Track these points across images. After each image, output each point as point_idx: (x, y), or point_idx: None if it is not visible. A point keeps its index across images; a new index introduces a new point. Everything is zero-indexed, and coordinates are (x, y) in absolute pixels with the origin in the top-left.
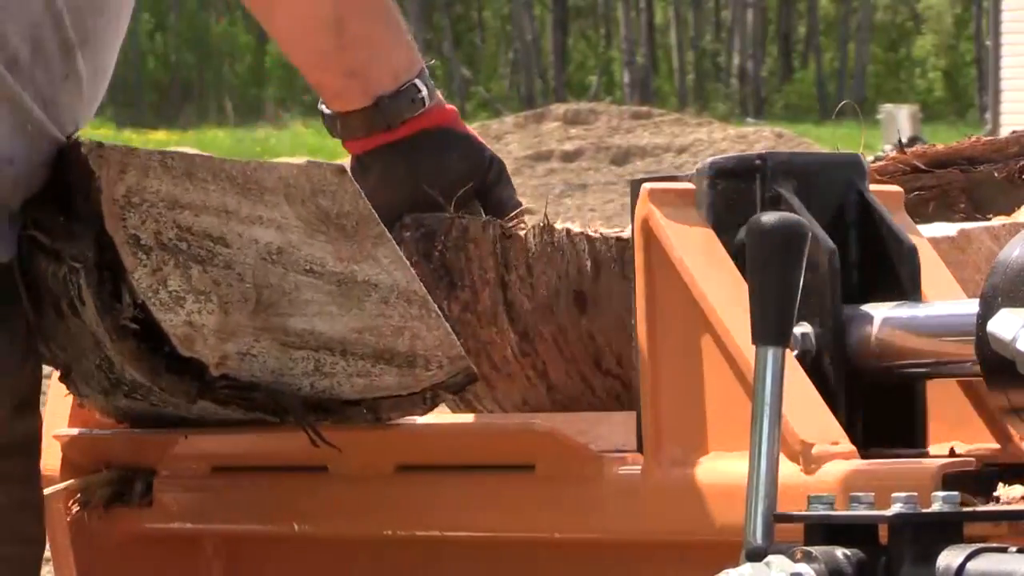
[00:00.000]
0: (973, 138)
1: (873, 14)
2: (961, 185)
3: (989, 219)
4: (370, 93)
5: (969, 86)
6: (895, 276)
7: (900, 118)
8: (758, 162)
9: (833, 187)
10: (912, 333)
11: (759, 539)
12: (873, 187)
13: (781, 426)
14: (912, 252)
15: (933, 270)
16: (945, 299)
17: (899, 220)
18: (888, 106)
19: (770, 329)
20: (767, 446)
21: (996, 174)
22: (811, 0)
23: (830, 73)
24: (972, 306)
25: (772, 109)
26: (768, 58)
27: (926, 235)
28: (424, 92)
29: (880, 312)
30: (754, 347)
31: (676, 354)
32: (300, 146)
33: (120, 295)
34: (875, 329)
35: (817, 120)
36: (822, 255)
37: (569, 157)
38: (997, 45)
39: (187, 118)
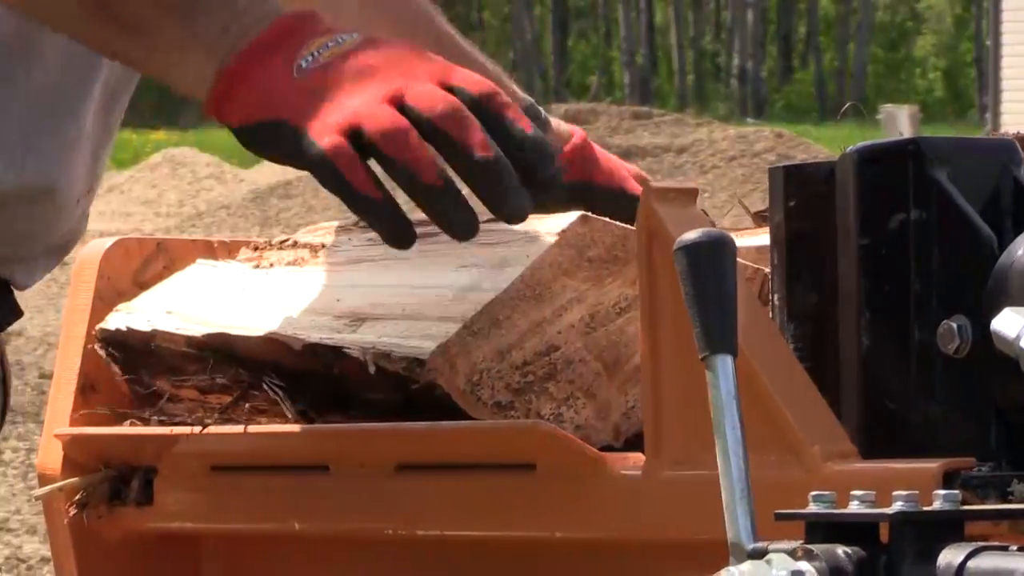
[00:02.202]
0: None
1: (873, 14)
2: None
3: None
4: None
5: (969, 86)
6: None
7: (900, 118)
8: (910, 147)
9: (987, 173)
10: None
11: (746, 539)
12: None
13: (744, 428)
14: None
15: None
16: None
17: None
18: (888, 106)
19: (716, 339)
20: (734, 449)
21: None
22: (811, 0)
23: (830, 73)
24: None
25: (772, 109)
26: (768, 58)
27: None
28: None
29: None
30: (703, 360)
31: (676, 354)
32: None
33: None
34: None
35: (817, 120)
36: (979, 244)
37: None
38: (997, 45)
39: (187, 118)
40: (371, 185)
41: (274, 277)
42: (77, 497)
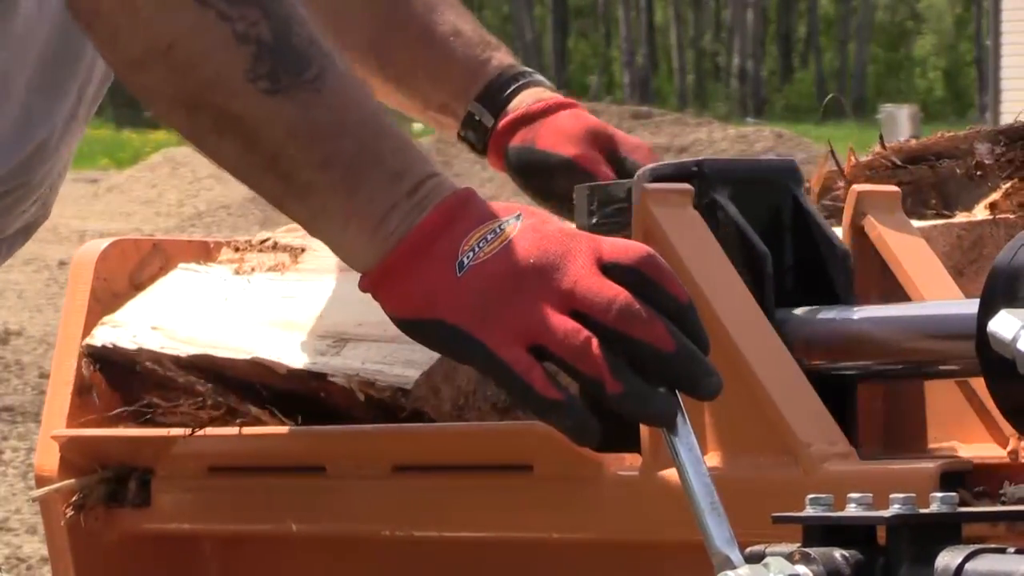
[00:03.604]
0: (939, 134)
1: (873, 14)
2: (930, 181)
3: (955, 216)
4: (454, 123)
5: (969, 86)
6: (828, 280)
7: (900, 118)
8: (695, 169)
9: (769, 193)
10: (844, 335)
11: (724, 545)
12: (871, 187)
13: (699, 446)
14: (845, 256)
15: (930, 269)
16: (943, 298)
17: (896, 220)
18: (888, 106)
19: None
20: (695, 468)
21: (957, 170)
22: (811, 0)
23: (830, 73)
24: (905, 309)
25: (772, 109)
26: (768, 58)
27: None
28: (482, 115)
29: (812, 315)
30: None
31: None
32: None
33: None
34: (807, 332)
35: (817, 120)
36: (756, 260)
37: None
38: (997, 45)
39: None
40: (553, 388)
41: (256, 285)
42: (74, 499)
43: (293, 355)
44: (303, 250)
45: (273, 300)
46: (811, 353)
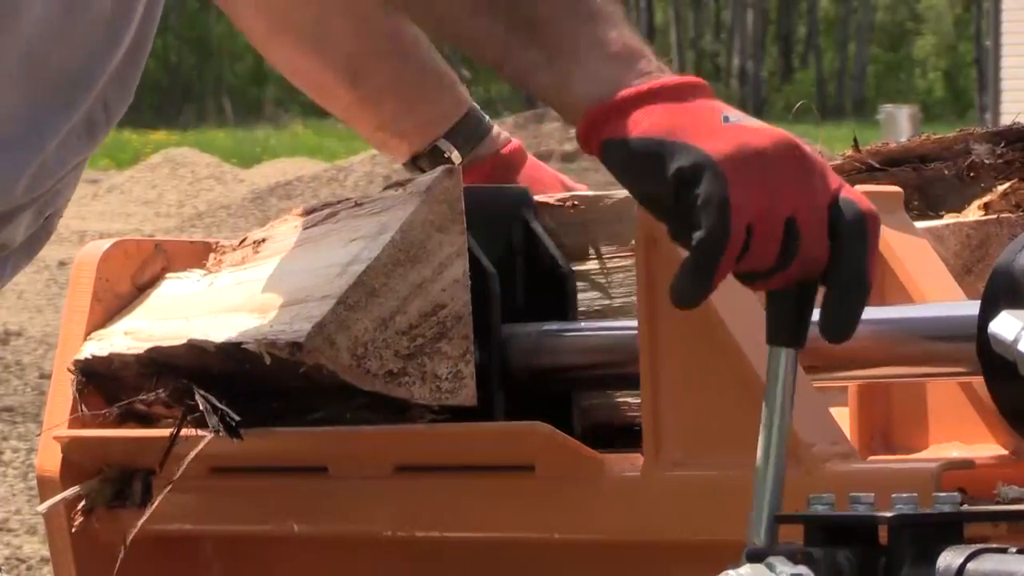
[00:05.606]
0: (924, 136)
1: (873, 14)
2: (914, 183)
3: (941, 216)
4: (405, 149)
5: (969, 86)
6: (555, 297)
7: (900, 118)
8: None
9: (501, 217)
10: (563, 348)
11: (763, 540)
12: (873, 188)
13: (790, 427)
14: (568, 276)
15: (933, 270)
16: (946, 300)
17: (899, 220)
18: (888, 106)
19: (783, 330)
20: (776, 446)
21: (946, 172)
22: (811, 0)
23: (830, 73)
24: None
25: (772, 109)
26: (768, 58)
27: None
28: (451, 152)
29: (535, 330)
30: (768, 347)
31: (676, 354)
32: (299, 146)
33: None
34: (530, 345)
35: (817, 120)
36: (484, 279)
37: (569, 157)
38: (997, 45)
39: (187, 118)
40: (732, 263)
41: (219, 281)
42: (82, 504)
43: (220, 333)
44: (264, 240)
45: (226, 290)
46: (532, 365)
